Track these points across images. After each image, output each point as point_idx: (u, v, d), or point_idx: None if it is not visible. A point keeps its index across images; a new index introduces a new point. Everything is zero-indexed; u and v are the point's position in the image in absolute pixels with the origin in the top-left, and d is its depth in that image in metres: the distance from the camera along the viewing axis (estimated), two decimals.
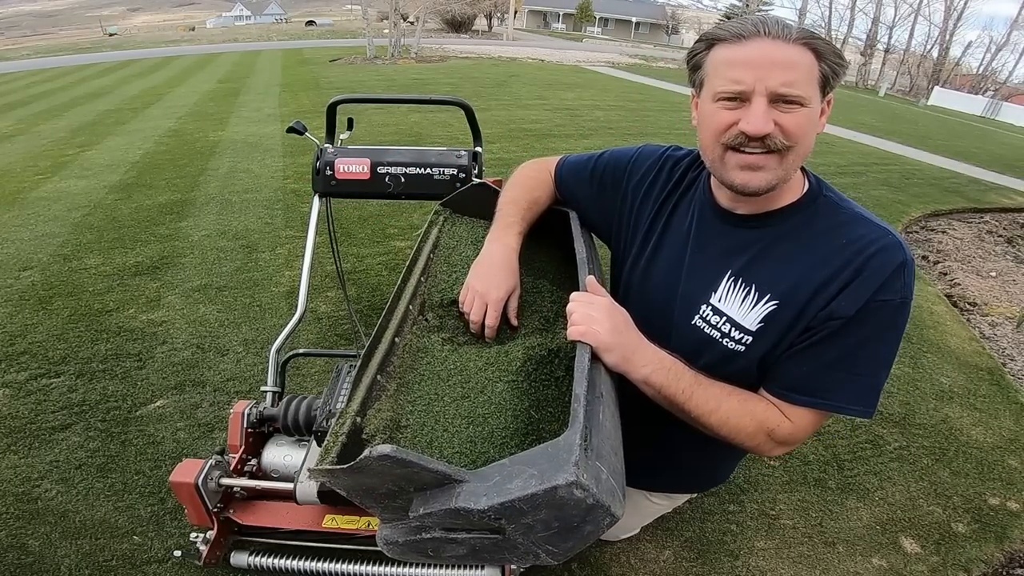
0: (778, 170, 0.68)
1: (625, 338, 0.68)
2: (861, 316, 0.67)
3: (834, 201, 0.74)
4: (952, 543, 1.53)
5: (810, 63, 0.65)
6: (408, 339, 0.81)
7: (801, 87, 0.65)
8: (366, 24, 15.27)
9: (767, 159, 0.67)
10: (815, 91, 0.66)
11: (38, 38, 48.68)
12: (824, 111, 0.70)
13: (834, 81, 0.68)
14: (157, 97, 8.05)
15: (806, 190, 0.75)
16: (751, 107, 0.65)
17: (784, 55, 0.64)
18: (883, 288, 0.66)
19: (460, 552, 0.54)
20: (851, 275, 0.67)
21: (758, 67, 0.64)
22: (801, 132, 0.66)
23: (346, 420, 0.64)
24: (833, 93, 0.70)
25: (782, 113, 0.65)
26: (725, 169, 0.71)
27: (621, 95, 10.06)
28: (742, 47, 0.66)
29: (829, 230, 0.71)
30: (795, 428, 0.73)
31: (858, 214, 0.72)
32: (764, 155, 0.67)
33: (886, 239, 0.68)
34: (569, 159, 1.02)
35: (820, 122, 0.70)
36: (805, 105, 0.65)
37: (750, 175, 0.69)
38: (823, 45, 0.66)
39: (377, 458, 0.46)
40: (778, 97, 0.65)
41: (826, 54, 0.66)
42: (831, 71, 0.67)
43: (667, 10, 55.16)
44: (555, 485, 0.44)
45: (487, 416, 0.69)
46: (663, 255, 0.86)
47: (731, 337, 0.76)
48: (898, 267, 0.67)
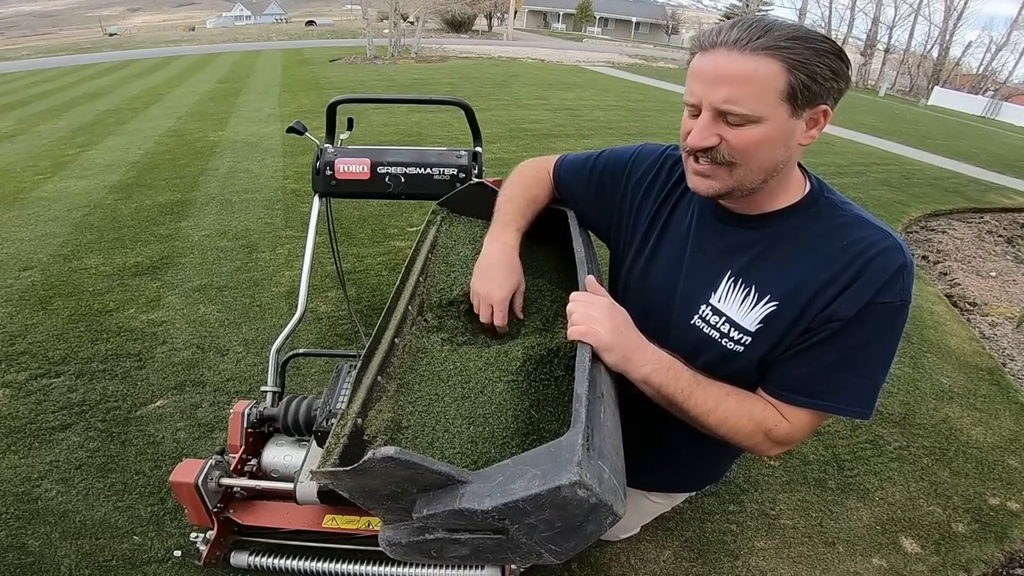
0: (728, 181, 0.69)
1: (625, 338, 0.68)
2: (861, 318, 0.67)
3: (835, 203, 0.74)
4: (952, 543, 1.53)
5: (772, 75, 0.61)
6: (408, 340, 0.81)
7: (749, 103, 0.62)
8: (366, 24, 15.27)
9: (715, 170, 0.69)
10: (773, 106, 0.63)
11: (38, 38, 48.69)
12: (818, 122, 0.66)
13: (809, 93, 0.63)
14: (157, 97, 8.05)
15: (807, 191, 0.75)
16: (698, 120, 0.67)
17: (734, 69, 0.62)
18: (883, 290, 0.66)
19: (463, 552, 0.54)
20: (851, 277, 0.67)
21: (706, 81, 0.65)
22: (747, 150, 0.65)
23: (347, 421, 0.64)
24: (829, 105, 0.65)
25: (729, 128, 0.65)
26: (688, 172, 0.74)
27: (621, 95, 10.06)
28: (703, 58, 0.66)
29: (829, 232, 0.71)
30: (793, 428, 0.73)
31: (858, 216, 0.72)
32: (711, 166, 0.69)
33: (886, 241, 0.68)
34: (568, 158, 1.02)
35: (807, 135, 0.67)
36: (755, 122, 0.63)
37: (699, 181, 0.72)
38: (794, 55, 0.61)
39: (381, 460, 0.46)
40: (722, 112, 0.64)
41: (797, 65, 0.61)
42: (802, 83, 0.62)
43: (667, 10, 55.17)
44: (558, 485, 0.44)
45: (488, 416, 0.69)
46: (662, 254, 0.86)
47: (730, 337, 0.76)
48: (898, 269, 0.67)
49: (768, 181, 0.70)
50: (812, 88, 0.63)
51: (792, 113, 0.64)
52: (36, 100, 8.02)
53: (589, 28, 50.18)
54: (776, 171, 0.69)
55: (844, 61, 0.64)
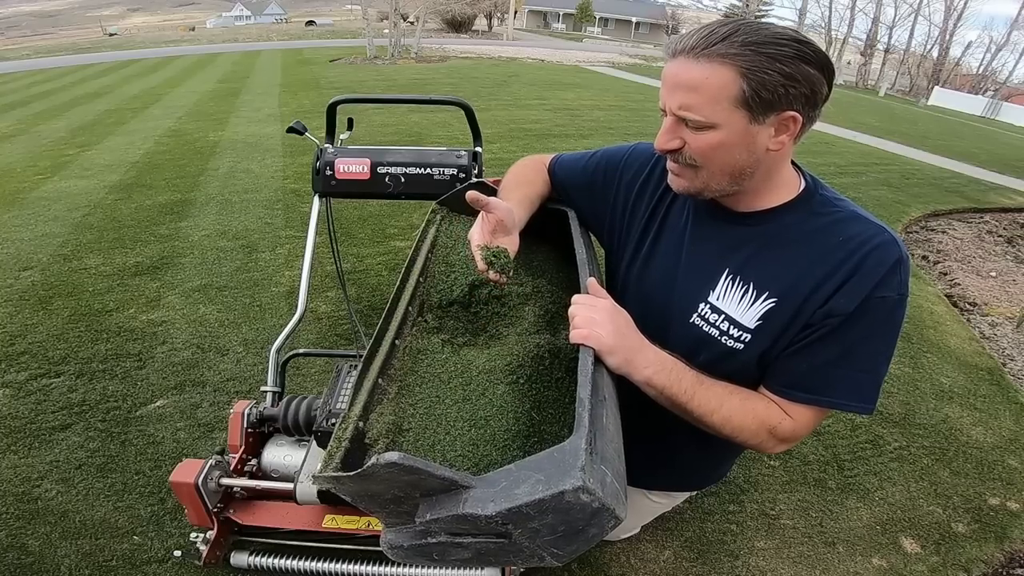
0: (695, 181, 0.72)
1: (627, 340, 0.68)
2: (859, 313, 0.68)
3: (829, 199, 0.75)
4: (952, 543, 1.53)
5: (723, 82, 0.62)
6: (408, 341, 0.81)
7: (700, 110, 0.64)
8: (366, 24, 15.26)
9: (683, 170, 0.73)
10: (727, 112, 0.63)
11: (38, 38, 48.67)
12: (788, 128, 0.65)
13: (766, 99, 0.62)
14: (157, 97, 8.05)
15: (802, 189, 0.76)
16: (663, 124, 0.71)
17: (687, 75, 0.64)
18: (881, 284, 0.67)
19: (465, 556, 0.54)
20: (849, 272, 0.68)
21: (667, 87, 0.68)
22: (704, 154, 0.68)
23: (348, 425, 0.64)
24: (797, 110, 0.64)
25: (689, 132, 0.68)
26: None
27: (621, 95, 10.06)
28: (668, 64, 0.68)
29: (825, 228, 0.72)
30: (796, 425, 0.73)
31: (853, 212, 0.73)
32: (679, 166, 0.73)
33: (882, 236, 0.69)
34: (563, 157, 1.02)
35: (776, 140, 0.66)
36: (712, 127, 0.65)
37: (673, 179, 0.76)
38: (745, 61, 0.61)
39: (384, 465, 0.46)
40: (680, 118, 0.67)
41: (748, 71, 0.61)
42: (754, 90, 0.61)
43: (667, 10, 55.17)
44: (562, 490, 0.44)
45: (489, 418, 0.69)
46: (659, 253, 0.86)
47: (730, 335, 0.76)
48: (895, 263, 0.67)
49: (743, 183, 0.71)
50: (764, 95, 0.62)
51: (751, 119, 0.64)
52: (36, 100, 8.01)
53: (589, 28, 50.20)
54: (744, 175, 0.70)
55: (811, 64, 0.62)
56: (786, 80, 0.62)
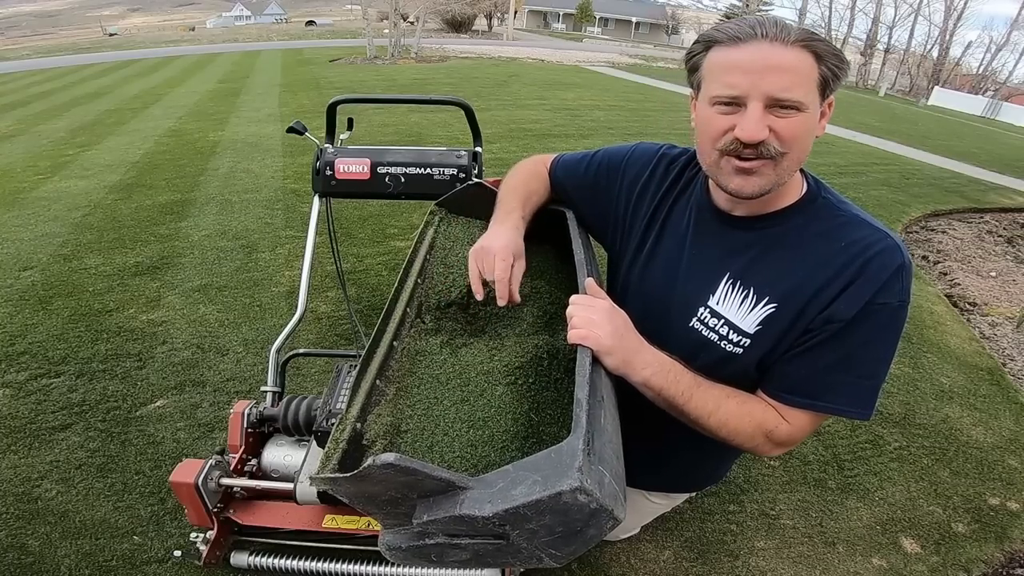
0: (772, 175, 0.68)
1: (626, 341, 0.68)
2: (860, 319, 0.67)
3: (832, 203, 0.74)
4: (952, 543, 1.53)
5: (809, 66, 0.64)
6: (406, 342, 0.81)
7: (798, 91, 0.63)
8: (366, 24, 15.26)
9: (761, 165, 0.67)
10: (814, 95, 0.65)
11: (38, 38, 48.65)
12: (825, 114, 0.69)
13: (834, 84, 0.66)
14: (157, 97, 8.05)
15: (804, 192, 0.75)
16: (747, 113, 0.64)
17: (781, 58, 0.63)
18: (882, 291, 0.66)
19: (463, 557, 0.54)
20: (850, 278, 0.67)
21: (753, 71, 0.63)
22: (796, 138, 0.65)
23: (346, 426, 0.64)
24: (834, 95, 0.68)
25: (778, 119, 0.64)
26: (721, 173, 0.71)
27: (621, 95, 10.06)
28: (738, 50, 0.64)
29: (828, 232, 0.71)
30: (793, 429, 0.73)
31: (856, 216, 0.72)
32: (758, 161, 0.66)
33: (885, 242, 0.68)
34: (563, 157, 1.01)
35: (820, 125, 0.69)
36: (802, 110, 0.64)
37: (744, 180, 0.68)
38: (823, 47, 0.64)
39: (381, 466, 0.46)
40: (774, 102, 0.63)
41: (826, 56, 0.64)
42: (831, 73, 0.65)
43: (667, 10, 55.16)
44: (559, 491, 0.44)
45: (487, 419, 0.68)
46: (660, 256, 0.86)
47: (729, 339, 0.76)
48: (897, 270, 0.67)
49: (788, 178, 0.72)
50: (836, 78, 0.66)
51: (819, 103, 0.67)
52: (36, 100, 8.02)
53: (589, 28, 50.18)
54: (803, 163, 0.71)
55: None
56: (843, 65, 0.66)
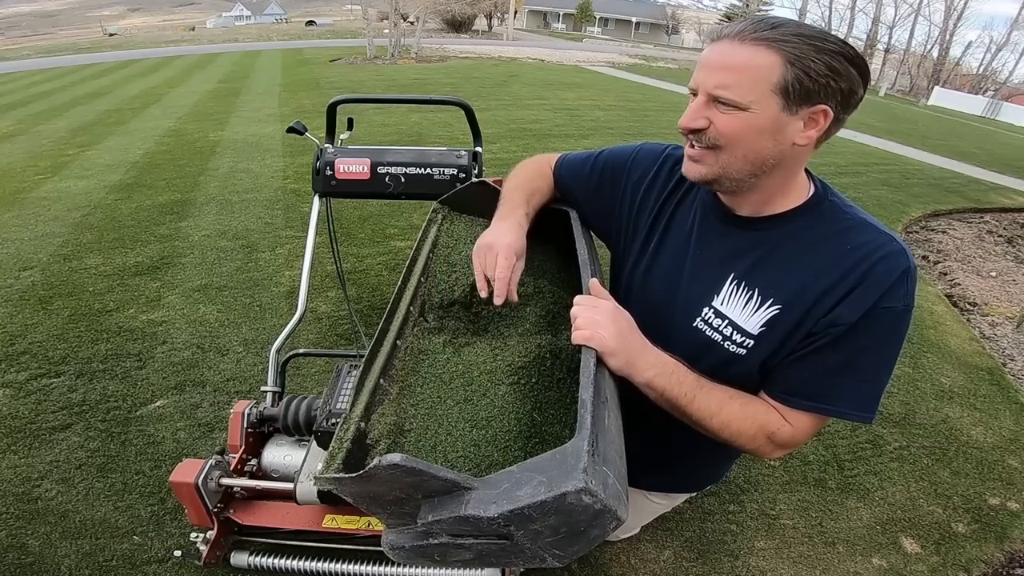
0: (714, 167, 0.70)
1: (629, 342, 0.68)
2: (864, 323, 0.67)
3: (838, 206, 0.74)
4: (952, 543, 1.53)
5: (766, 66, 0.62)
6: (409, 341, 0.81)
7: (736, 91, 0.64)
8: (366, 24, 15.26)
9: (703, 154, 0.70)
10: (762, 96, 0.63)
11: (38, 38, 48.65)
12: (817, 123, 0.65)
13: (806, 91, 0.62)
14: (157, 97, 8.05)
15: (811, 194, 0.75)
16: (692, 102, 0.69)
17: (731, 57, 0.64)
18: (886, 295, 0.66)
19: (466, 557, 0.54)
20: (854, 282, 0.67)
21: (705, 67, 0.67)
22: (731, 134, 0.66)
23: (350, 425, 0.64)
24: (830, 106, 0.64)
25: (720, 113, 0.67)
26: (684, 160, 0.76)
27: (621, 95, 10.06)
28: (709, 47, 0.69)
29: (833, 235, 0.71)
30: (795, 432, 0.73)
31: (862, 220, 0.72)
32: (701, 150, 0.70)
33: (890, 246, 0.68)
34: (568, 157, 1.01)
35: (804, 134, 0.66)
36: (743, 109, 0.64)
37: (690, 165, 0.73)
38: (792, 48, 0.62)
39: (387, 467, 0.46)
40: (713, 97, 0.66)
41: (794, 59, 0.62)
42: (797, 79, 0.62)
43: (667, 10, 55.18)
44: (564, 492, 0.44)
45: (490, 419, 0.68)
46: (664, 256, 0.86)
47: (732, 340, 0.75)
48: (901, 274, 0.66)
49: (759, 177, 0.70)
50: (806, 84, 0.62)
51: (784, 107, 0.64)
52: (36, 100, 8.02)
53: (589, 28, 50.18)
54: (764, 165, 0.68)
55: (852, 63, 0.63)
56: (829, 72, 0.62)
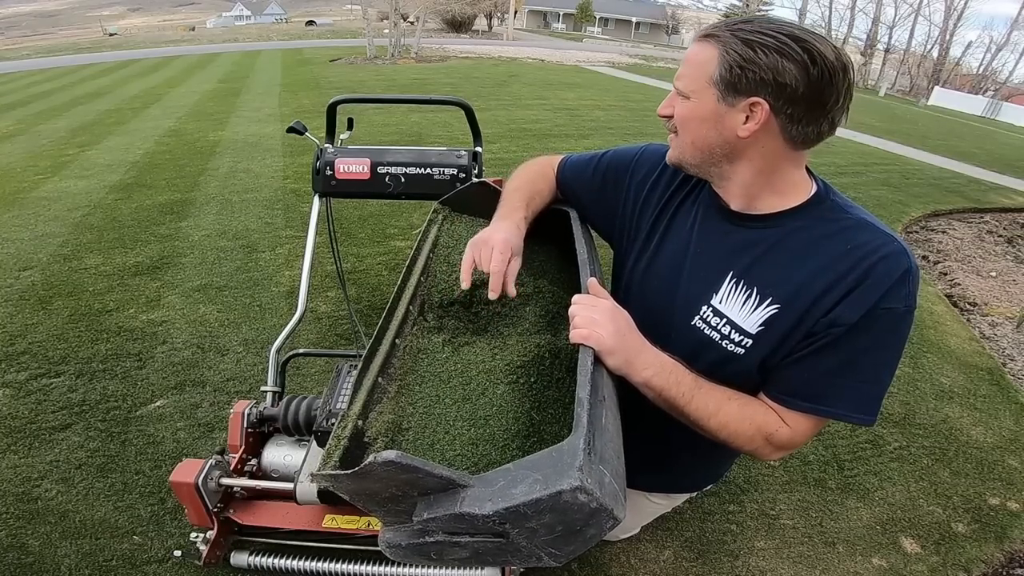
0: (675, 150, 0.79)
1: (628, 341, 0.68)
2: (864, 324, 0.66)
3: (840, 205, 0.74)
4: (952, 543, 1.53)
5: (706, 59, 0.68)
6: (408, 340, 0.81)
7: (684, 81, 0.72)
8: (366, 24, 15.26)
9: (672, 138, 0.79)
10: (701, 87, 0.69)
11: (38, 38, 48.64)
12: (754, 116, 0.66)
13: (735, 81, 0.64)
14: (157, 97, 8.05)
15: (812, 193, 0.75)
16: None
17: (689, 52, 0.71)
18: (887, 296, 0.66)
19: (463, 555, 0.54)
20: (854, 282, 0.67)
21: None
22: (679, 120, 0.74)
23: (348, 423, 0.64)
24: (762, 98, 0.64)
25: (679, 102, 0.74)
26: None
27: (621, 95, 10.05)
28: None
29: (834, 235, 0.71)
30: (794, 433, 0.72)
31: (863, 219, 0.72)
32: (671, 134, 0.79)
33: (891, 246, 0.67)
34: (571, 158, 1.02)
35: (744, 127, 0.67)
36: (688, 98, 0.71)
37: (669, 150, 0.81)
38: (725, 42, 0.66)
39: (382, 464, 0.46)
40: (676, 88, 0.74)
41: (727, 52, 0.65)
42: (728, 70, 0.65)
43: (667, 10, 55.19)
44: (560, 490, 0.44)
45: (488, 418, 0.68)
46: (665, 254, 0.86)
47: (731, 339, 0.75)
48: (903, 275, 0.66)
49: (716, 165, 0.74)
50: (734, 74, 0.65)
51: (720, 98, 0.68)
52: (36, 100, 8.01)
53: (589, 28, 50.18)
54: (713, 153, 0.73)
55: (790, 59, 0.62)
56: (748, 64, 0.64)
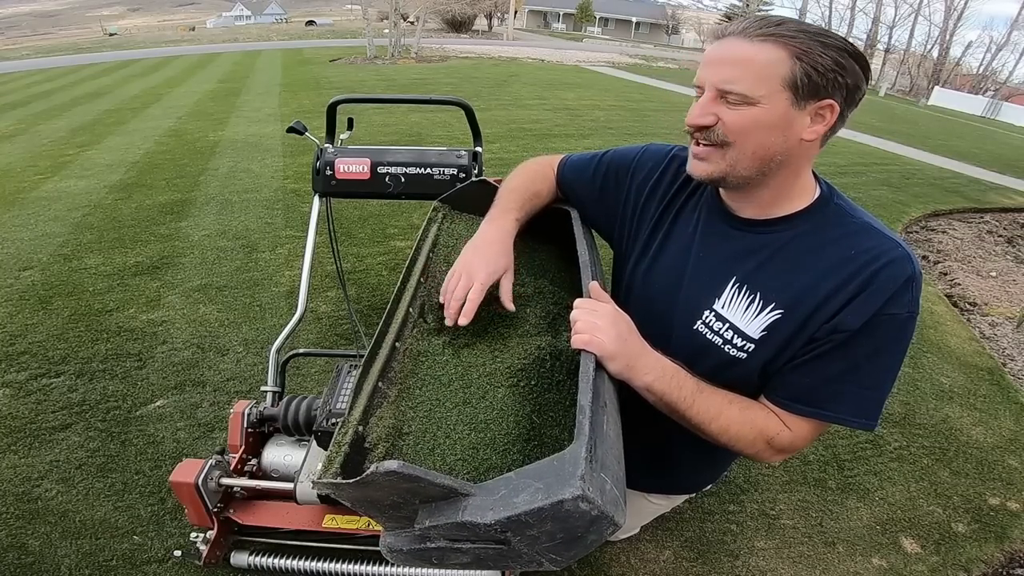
0: (721, 163, 0.70)
1: (629, 346, 0.68)
2: (867, 329, 0.66)
3: (844, 209, 0.73)
4: (952, 543, 1.53)
5: (773, 61, 0.63)
6: (408, 343, 0.81)
7: (744, 84, 0.64)
8: (366, 24, 15.26)
9: (710, 151, 0.70)
10: (772, 91, 0.63)
11: (38, 38, 48.64)
12: (824, 118, 0.66)
13: (814, 85, 0.63)
14: (157, 97, 8.05)
15: (817, 197, 0.74)
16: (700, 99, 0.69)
17: (738, 52, 0.64)
18: (890, 302, 0.65)
19: (464, 560, 0.55)
20: (858, 288, 0.66)
21: (712, 63, 0.67)
22: (740, 129, 0.66)
23: (348, 429, 0.64)
24: (836, 100, 0.64)
25: (728, 109, 0.66)
26: (689, 158, 0.75)
27: (621, 95, 10.06)
28: (714, 45, 0.68)
29: (838, 239, 0.70)
30: (795, 437, 0.72)
31: (867, 224, 0.71)
32: (708, 147, 0.70)
33: (895, 251, 0.67)
34: (572, 157, 1.01)
35: (810, 129, 0.66)
36: (752, 103, 0.64)
37: (696, 164, 0.73)
38: (798, 43, 0.62)
39: (384, 473, 0.46)
40: (721, 92, 0.66)
41: (801, 54, 0.62)
42: (806, 74, 0.62)
43: (667, 10, 55.17)
44: (561, 499, 0.44)
45: (489, 422, 0.68)
46: (666, 257, 0.86)
47: (733, 344, 0.75)
48: (906, 281, 0.66)
49: (767, 175, 0.70)
50: (814, 78, 0.63)
51: (793, 102, 0.64)
52: (36, 100, 8.01)
53: (589, 28, 50.18)
54: (772, 162, 0.68)
55: (856, 59, 0.64)
56: (835, 67, 0.63)
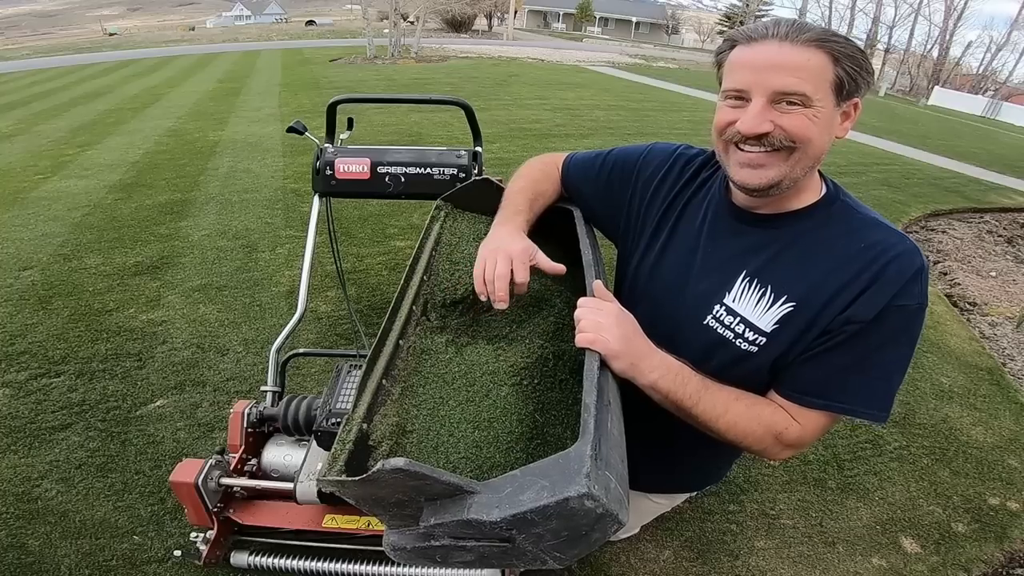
0: (783, 167, 0.68)
1: (633, 345, 0.68)
2: (879, 321, 0.67)
3: (850, 206, 0.75)
4: (952, 543, 1.53)
5: (821, 65, 0.65)
6: (412, 341, 0.81)
7: (804, 88, 0.64)
8: (366, 24, 15.26)
9: (769, 157, 0.68)
10: (825, 93, 0.65)
11: (38, 38, 48.63)
12: (849, 116, 0.70)
13: (852, 85, 0.66)
14: (157, 97, 8.05)
15: (824, 194, 0.75)
16: (750, 106, 0.67)
17: (788, 57, 0.65)
18: (901, 293, 0.67)
19: (468, 558, 0.55)
20: (869, 280, 0.68)
21: (761, 68, 0.66)
22: (803, 132, 0.66)
23: (352, 426, 0.64)
24: (860, 99, 0.68)
25: (783, 114, 0.66)
26: (728, 164, 0.73)
27: (621, 95, 10.06)
28: (751, 48, 0.67)
29: (846, 234, 0.72)
30: (804, 431, 0.72)
31: (874, 219, 0.73)
32: (766, 154, 0.68)
33: (903, 245, 0.69)
34: (576, 155, 1.01)
35: (843, 127, 0.70)
36: (809, 105, 0.65)
37: (750, 172, 0.70)
38: (840, 48, 0.65)
39: (390, 471, 0.46)
40: (779, 97, 0.65)
41: (843, 57, 0.65)
42: (847, 75, 0.65)
43: (667, 10, 55.19)
44: (567, 497, 0.44)
45: (492, 420, 0.68)
46: (671, 254, 0.86)
47: (745, 338, 0.75)
48: (915, 273, 0.67)
49: (807, 174, 0.71)
50: (855, 80, 0.66)
51: (836, 104, 0.67)
52: (36, 100, 8.02)
53: (589, 28, 50.18)
54: (819, 161, 0.71)
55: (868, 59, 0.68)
56: (863, 68, 0.66)
